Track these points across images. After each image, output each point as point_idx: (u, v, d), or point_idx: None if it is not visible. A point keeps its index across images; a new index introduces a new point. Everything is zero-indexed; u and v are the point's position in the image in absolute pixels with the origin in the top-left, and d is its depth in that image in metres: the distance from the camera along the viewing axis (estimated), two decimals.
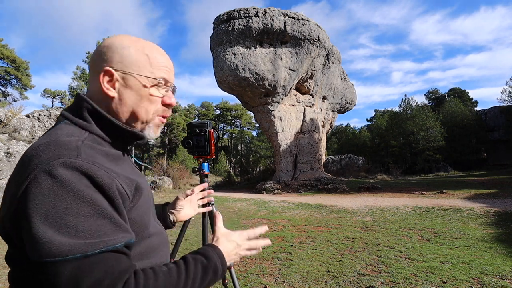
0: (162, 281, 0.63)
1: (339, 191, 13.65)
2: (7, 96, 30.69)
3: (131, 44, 0.76)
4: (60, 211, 0.56)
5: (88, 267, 0.55)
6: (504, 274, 3.38)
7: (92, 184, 0.60)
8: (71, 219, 0.56)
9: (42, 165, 0.59)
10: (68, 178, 0.58)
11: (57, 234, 0.55)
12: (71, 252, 0.54)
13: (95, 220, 0.58)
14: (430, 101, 46.82)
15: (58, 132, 0.68)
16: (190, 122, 1.47)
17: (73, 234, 0.55)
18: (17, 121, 10.42)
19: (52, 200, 0.56)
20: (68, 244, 0.54)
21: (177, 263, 0.70)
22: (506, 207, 7.69)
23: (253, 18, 15.09)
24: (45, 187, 0.57)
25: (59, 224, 0.55)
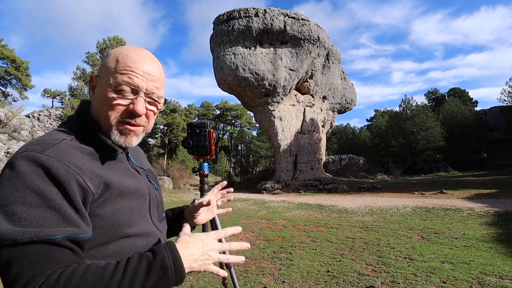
0: (91, 277, 0.57)
1: (339, 191, 13.65)
2: (7, 96, 30.69)
3: (116, 51, 0.78)
4: (9, 199, 0.59)
5: (19, 254, 0.56)
6: (504, 274, 3.38)
7: (47, 176, 0.62)
8: (17, 207, 0.58)
9: (12, 158, 0.65)
10: (23, 170, 0.61)
11: (2, 220, 0.57)
12: (5, 237, 0.56)
13: (41, 211, 0.59)
14: (430, 101, 46.80)
15: (50, 132, 0.75)
16: (190, 122, 1.47)
17: (16, 221, 0.57)
18: (17, 121, 10.42)
19: (4, 188, 0.60)
20: (7, 230, 0.56)
21: (121, 259, 0.64)
22: (506, 207, 7.69)
23: (253, 18, 15.09)
24: (3, 176, 0.62)
25: (5, 211, 0.58)
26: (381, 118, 41.86)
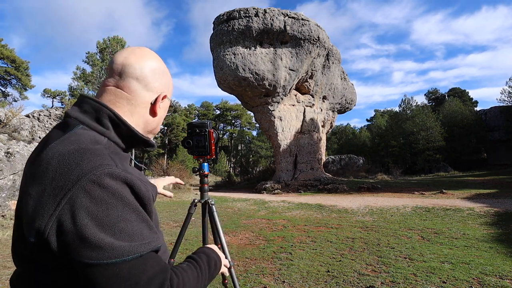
0: (190, 274, 0.75)
1: (339, 191, 13.65)
2: (7, 96, 30.69)
3: (168, 72, 0.89)
4: (113, 218, 0.61)
5: (143, 265, 0.62)
6: (504, 274, 3.38)
7: (132, 192, 0.67)
8: (122, 225, 0.62)
9: (88, 175, 0.62)
10: (116, 188, 0.63)
11: (115, 239, 0.60)
12: (130, 253, 0.61)
13: (138, 225, 0.65)
14: (430, 101, 46.81)
15: (82, 139, 0.69)
16: (190, 122, 1.47)
17: (127, 238, 0.62)
18: (17, 121, 10.42)
19: (104, 209, 0.61)
20: (126, 246, 0.61)
21: (189, 260, 0.83)
22: (506, 207, 7.69)
23: (253, 18, 15.08)
24: (96, 196, 0.61)
25: (114, 231, 0.61)
26: (381, 118, 41.88)
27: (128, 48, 0.84)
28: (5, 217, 6.75)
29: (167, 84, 0.87)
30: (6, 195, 7.00)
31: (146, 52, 0.84)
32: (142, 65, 0.80)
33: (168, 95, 0.88)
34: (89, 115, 0.75)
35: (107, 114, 0.75)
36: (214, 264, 0.88)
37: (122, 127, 0.77)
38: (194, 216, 1.27)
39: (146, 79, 0.81)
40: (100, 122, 0.75)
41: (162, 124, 32.63)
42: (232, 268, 1.75)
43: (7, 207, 6.97)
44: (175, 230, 6.45)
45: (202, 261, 0.84)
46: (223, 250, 1.80)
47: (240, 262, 4.16)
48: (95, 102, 0.76)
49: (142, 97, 0.81)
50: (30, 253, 0.67)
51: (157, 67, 0.84)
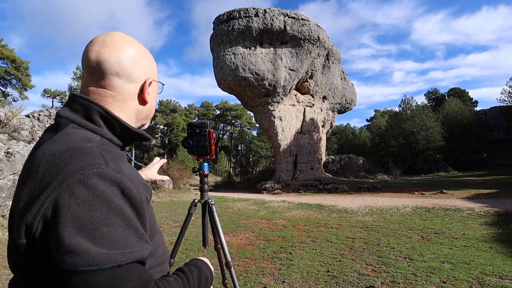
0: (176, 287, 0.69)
1: (339, 191, 13.65)
2: (7, 96, 30.70)
3: (143, 51, 0.83)
4: (94, 222, 0.57)
5: (121, 276, 0.57)
6: (504, 274, 3.38)
7: (122, 195, 0.62)
8: (104, 229, 0.57)
9: (76, 174, 0.59)
10: (102, 189, 0.59)
11: (93, 244, 0.56)
12: (107, 261, 0.56)
13: (123, 231, 0.60)
14: (430, 101, 46.82)
15: (72, 138, 0.67)
16: (190, 122, 1.47)
17: (107, 244, 0.57)
18: (17, 121, 10.42)
19: (87, 210, 0.57)
20: (104, 254, 0.56)
21: (178, 274, 0.77)
22: (506, 207, 7.69)
23: (253, 18, 15.08)
24: (80, 196, 0.58)
25: (93, 235, 0.56)
26: (381, 118, 41.89)
27: (97, 38, 0.76)
28: (5, 217, 6.76)
29: (150, 67, 0.82)
30: (6, 195, 7.00)
31: (118, 41, 0.76)
32: (118, 58, 0.74)
33: (154, 78, 0.84)
34: (79, 113, 0.72)
35: (97, 111, 0.72)
36: (205, 279, 0.82)
37: (114, 123, 0.74)
38: (194, 216, 1.27)
39: (126, 71, 0.75)
40: (91, 120, 0.72)
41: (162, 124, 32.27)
42: (232, 268, 1.76)
43: (7, 207, 6.97)
44: (175, 230, 6.45)
45: (192, 275, 0.78)
46: (223, 250, 1.80)
47: (240, 262, 4.17)
48: (84, 100, 0.73)
49: (127, 90, 0.77)
50: (23, 257, 0.65)
51: (135, 53, 0.77)
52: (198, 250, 4.78)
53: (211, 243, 2.04)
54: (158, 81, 0.86)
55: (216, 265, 1.97)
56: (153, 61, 0.85)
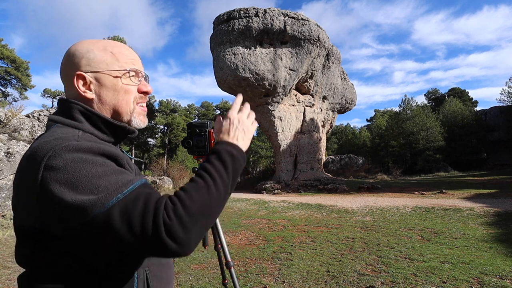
0: (196, 189, 0.64)
1: (339, 191, 13.65)
2: (7, 96, 30.70)
3: (93, 46, 0.80)
4: (83, 177, 0.61)
5: (131, 202, 0.60)
6: (504, 274, 3.38)
7: (96, 153, 0.66)
8: (95, 181, 0.61)
9: (48, 153, 0.63)
10: (75, 156, 0.63)
11: (93, 195, 0.60)
12: (111, 196, 0.60)
13: (114, 176, 0.64)
14: (430, 101, 46.81)
15: (53, 134, 0.71)
16: (190, 122, 1.47)
17: (105, 190, 0.61)
18: (17, 121, 10.41)
19: (72, 172, 0.61)
20: (105, 195, 0.60)
21: (199, 172, 0.69)
22: (506, 207, 7.69)
23: (253, 18, 15.08)
24: (59, 166, 0.61)
25: (89, 188, 0.60)
26: (381, 118, 41.90)
27: (67, 51, 0.81)
28: (5, 217, 6.76)
29: (84, 61, 0.78)
30: (6, 195, 7.00)
31: (80, 46, 0.79)
32: (61, 65, 0.80)
33: (88, 69, 0.78)
34: (63, 114, 0.77)
35: (77, 109, 0.76)
36: (230, 160, 0.71)
37: (94, 117, 0.77)
38: None
39: (63, 74, 0.80)
40: (73, 117, 0.76)
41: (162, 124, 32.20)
42: (232, 268, 1.76)
43: (7, 207, 6.97)
44: None
45: (212, 164, 0.70)
46: (223, 250, 1.80)
47: (240, 262, 4.17)
48: (65, 102, 0.78)
49: (70, 90, 0.80)
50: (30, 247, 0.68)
51: (68, 53, 0.79)
52: (198, 250, 4.78)
53: (211, 243, 2.04)
54: (106, 70, 0.78)
55: (216, 265, 1.97)
56: (98, 50, 0.79)
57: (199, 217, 0.61)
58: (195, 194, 0.63)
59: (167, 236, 0.57)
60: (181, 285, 3.40)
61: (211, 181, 0.66)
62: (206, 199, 0.63)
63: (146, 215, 0.58)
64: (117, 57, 0.80)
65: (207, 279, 3.53)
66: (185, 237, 0.59)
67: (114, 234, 0.59)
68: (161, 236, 0.57)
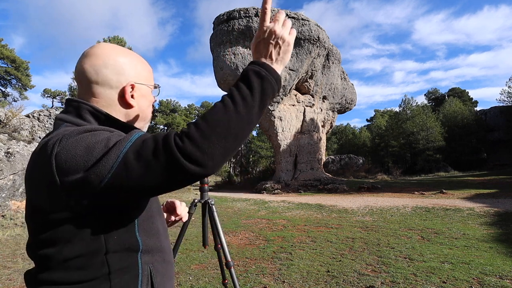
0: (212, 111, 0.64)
1: (339, 191, 13.65)
2: (7, 96, 30.70)
3: (137, 60, 0.87)
4: (92, 145, 0.64)
5: (140, 144, 0.63)
6: (504, 274, 3.38)
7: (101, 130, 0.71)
8: (104, 142, 0.65)
9: (57, 141, 0.67)
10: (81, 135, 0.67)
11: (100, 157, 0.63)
12: (119, 149, 0.63)
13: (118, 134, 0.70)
14: (429, 101, 46.81)
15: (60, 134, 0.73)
16: (190, 122, 1.47)
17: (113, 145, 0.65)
18: (17, 121, 10.41)
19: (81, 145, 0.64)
20: (116, 150, 0.63)
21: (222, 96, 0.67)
22: (506, 207, 7.69)
23: (253, 18, 15.09)
24: (68, 146, 0.65)
25: (100, 150, 0.63)
26: (381, 118, 41.90)
27: (84, 51, 0.84)
28: (5, 217, 6.75)
29: (133, 71, 0.84)
30: (6, 195, 7.00)
31: (99, 51, 0.82)
32: (97, 68, 0.80)
33: (139, 81, 0.84)
34: (71, 113, 0.79)
35: (87, 109, 0.78)
36: (256, 80, 0.67)
37: (102, 117, 0.79)
38: (194, 216, 1.27)
39: (105, 79, 0.81)
40: (82, 117, 0.78)
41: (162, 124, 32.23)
42: (232, 268, 1.76)
43: (7, 207, 6.97)
44: (175, 230, 6.45)
45: (235, 86, 0.67)
46: (223, 250, 1.80)
47: (240, 262, 4.17)
48: (75, 102, 0.80)
49: (109, 96, 0.82)
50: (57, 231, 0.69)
51: (113, 62, 0.82)
52: (198, 250, 4.78)
53: (211, 243, 2.04)
54: (147, 84, 0.87)
55: (216, 265, 1.97)
56: (141, 65, 0.87)
57: (216, 136, 0.61)
58: (210, 117, 0.62)
59: (184, 159, 0.58)
60: (181, 285, 3.40)
61: (231, 103, 0.64)
62: (223, 121, 0.62)
63: (157, 147, 0.60)
64: (146, 73, 0.88)
65: (207, 279, 3.53)
66: (202, 157, 0.59)
67: (136, 178, 0.61)
68: (180, 162, 0.59)
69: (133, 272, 0.72)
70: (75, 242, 0.68)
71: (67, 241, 0.68)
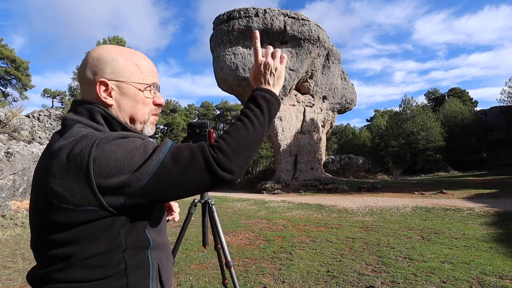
0: (234, 129, 0.77)
1: (339, 191, 13.65)
2: (7, 96, 30.69)
3: (118, 55, 0.84)
4: (127, 152, 0.69)
5: (176, 150, 0.72)
6: (504, 274, 3.38)
7: (131, 136, 0.75)
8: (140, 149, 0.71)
9: (92, 146, 0.68)
10: (114, 142, 0.70)
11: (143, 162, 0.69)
12: (158, 155, 0.70)
13: (151, 142, 0.75)
14: (429, 101, 46.80)
15: (80, 132, 0.75)
16: (190, 122, 1.47)
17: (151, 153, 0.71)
18: (17, 121, 10.41)
19: (119, 151, 0.68)
20: (156, 156, 0.70)
21: (238, 117, 0.81)
22: (506, 207, 7.69)
23: (253, 18, 15.08)
24: (108, 149, 0.68)
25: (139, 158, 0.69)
26: (381, 118, 41.90)
27: (89, 55, 0.83)
28: (5, 217, 6.75)
29: (113, 69, 0.82)
30: (6, 195, 7.00)
31: (90, 52, 0.84)
32: (81, 68, 0.83)
33: (112, 77, 0.82)
34: (84, 115, 0.81)
35: (99, 112, 0.81)
36: (264, 103, 0.84)
37: (114, 122, 0.82)
38: (194, 216, 1.27)
39: (84, 78, 0.83)
40: (94, 119, 0.80)
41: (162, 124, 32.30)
42: (232, 268, 1.76)
43: (7, 207, 6.97)
44: (175, 230, 6.45)
45: (248, 108, 0.82)
46: (223, 250, 1.80)
47: (240, 262, 4.17)
48: (87, 104, 0.82)
49: (91, 93, 0.83)
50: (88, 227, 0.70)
51: (91, 60, 0.82)
52: (198, 250, 4.78)
53: (211, 243, 2.04)
54: (128, 81, 0.83)
55: (216, 265, 1.97)
56: (125, 62, 0.83)
57: (240, 149, 0.74)
58: (235, 134, 0.76)
59: (218, 167, 0.71)
60: (181, 285, 3.40)
61: (249, 122, 0.78)
62: (244, 137, 0.76)
63: (194, 155, 0.71)
64: (140, 69, 0.85)
65: (207, 279, 3.53)
66: (232, 166, 0.72)
67: (173, 181, 0.69)
68: (214, 169, 0.70)
69: (146, 268, 0.77)
70: (99, 241, 0.70)
71: (90, 239, 0.70)
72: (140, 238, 0.77)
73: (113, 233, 0.71)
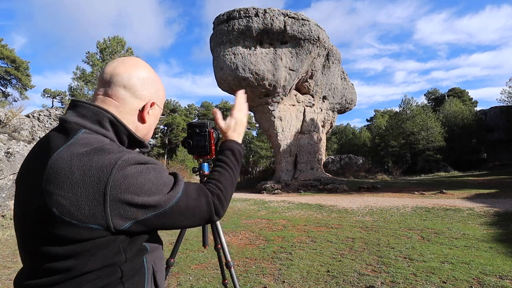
0: (225, 178, 0.94)
1: (339, 191, 13.65)
2: (7, 96, 30.69)
3: (160, 82, 0.95)
4: (150, 184, 0.74)
5: (188, 191, 0.81)
6: (504, 274, 3.38)
7: (148, 162, 0.79)
8: (157, 183, 0.75)
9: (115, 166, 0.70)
10: (138, 168, 0.73)
11: (165, 193, 0.76)
12: (177, 192, 0.78)
13: (167, 178, 0.80)
14: (429, 101, 46.79)
15: (90, 141, 0.75)
16: (190, 122, 1.47)
17: (167, 189, 0.77)
18: (17, 121, 10.41)
19: (140, 177, 0.72)
20: (175, 191, 0.77)
21: (219, 165, 0.98)
22: (506, 207, 7.69)
23: (253, 18, 15.08)
24: (129, 175, 0.71)
25: (159, 189, 0.75)
26: (381, 118, 41.89)
27: (119, 58, 0.89)
28: (5, 217, 6.75)
29: (156, 93, 0.92)
30: (6, 195, 7.00)
31: (135, 62, 0.89)
32: (130, 75, 0.85)
33: (158, 103, 0.92)
34: (89, 119, 0.79)
35: (107, 117, 0.80)
36: (239, 155, 1.02)
37: (121, 128, 0.82)
38: None
39: (134, 87, 0.85)
40: (102, 125, 0.80)
41: (162, 124, 32.24)
42: (232, 268, 1.76)
43: (7, 207, 6.97)
44: (175, 230, 6.45)
45: (229, 159, 0.99)
46: (223, 250, 1.80)
47: (240, 262, 4.16)
48: (93, 106, 0.81)
49: (130, 104, 0.85)
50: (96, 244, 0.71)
51: (146, 76, 0.88)
52: (198, 250, 4.78)
53: (211, 243, 2.04)
54: (160, 107, 0.95)
55: (216, 265, 1.97)
56: (162, 89, 0.95)
57: (228, 195, 0.91)
58: (224, 182, 0.92)
59: (214, 211, 0.85)
60: (181, 285, 3.40)
61: (231, 171, 0.97)
62: (229, 184, 0.94)
63: (202, 206, 0.83)
64: (162, 99, 0.97)
65: (207, 279, 3.53)
66: (223, 213, 0.89)
67: (181, 218, 0.79)
68: (213, 216, 0.86)
69: (141, 273, 0.79)
70: (100, 256, 0.70)
71: (91, 255, 0.69)
72: (139, 249, 0.78)
73: (114, 249, 0.72)
